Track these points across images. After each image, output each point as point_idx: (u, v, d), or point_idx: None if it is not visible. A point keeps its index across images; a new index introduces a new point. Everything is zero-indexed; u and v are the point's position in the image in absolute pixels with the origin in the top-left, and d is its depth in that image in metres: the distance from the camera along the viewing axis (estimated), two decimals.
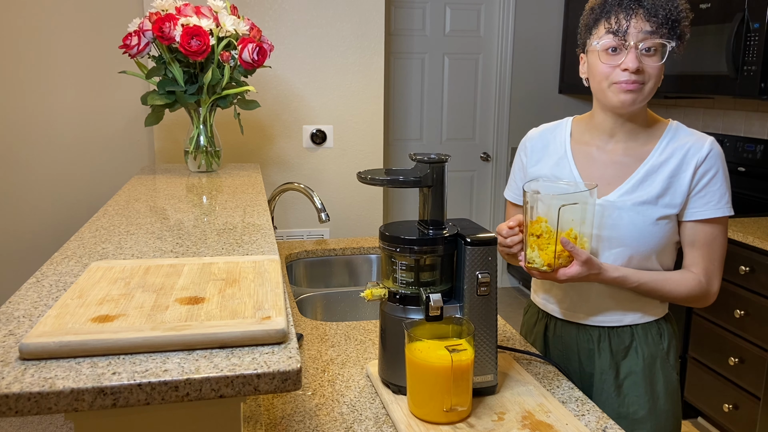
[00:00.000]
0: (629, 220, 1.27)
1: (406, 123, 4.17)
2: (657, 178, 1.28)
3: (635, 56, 1.20)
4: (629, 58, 1.20)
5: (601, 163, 1.34)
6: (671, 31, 1.21)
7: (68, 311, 0.75)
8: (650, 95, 1.26)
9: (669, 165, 1.28)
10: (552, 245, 1.19)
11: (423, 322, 1.12)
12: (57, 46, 2.54)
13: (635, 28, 1.20)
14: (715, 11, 2.75)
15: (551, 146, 1.40)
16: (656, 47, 1.21)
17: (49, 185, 2.63)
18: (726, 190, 1.29)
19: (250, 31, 1.88)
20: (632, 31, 1.20)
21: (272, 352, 0.70)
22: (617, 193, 1.30)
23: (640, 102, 1.25)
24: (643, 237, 1.27)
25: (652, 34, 1.20)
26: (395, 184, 1.12)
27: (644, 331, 1.35)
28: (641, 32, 1.20)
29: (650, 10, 1.20)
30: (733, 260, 2.47)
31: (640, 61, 1.21)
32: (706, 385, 2.65)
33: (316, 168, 2.80)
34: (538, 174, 1.40)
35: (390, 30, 4.02)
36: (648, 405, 1.33)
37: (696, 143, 1.28)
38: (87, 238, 1.15)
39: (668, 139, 1.31)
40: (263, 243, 1.13)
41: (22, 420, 1.14)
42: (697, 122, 3.42)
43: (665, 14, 1.20)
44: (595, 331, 1.36)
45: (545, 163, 1.40)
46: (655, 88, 1.26)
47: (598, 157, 1.34)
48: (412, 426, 1.05)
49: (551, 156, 1.39)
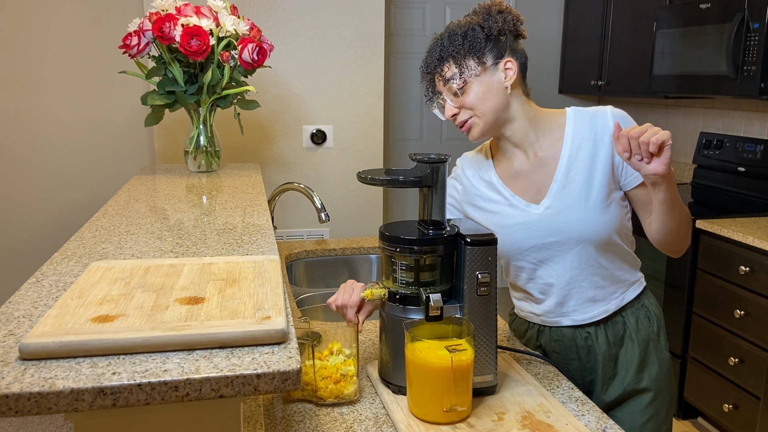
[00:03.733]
0: (576, 216, 1.28)
1: (406, 123, 4.17)
2: (580, 166, 1.28)
3: (443, 108, 1.31)
4: (444, 112, 1.32)
5: (526, 173, 1.34)
6: (460, 66, 1.26)
7: (68, 311, 0.75)
8: (492, 118, 1.28)
9: (585, 149, 1.29)
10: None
11: (423, 322, 1.12)
12: (57, 46, 2.54)
13: (433, 91, 1.33)
14: (715, 11, 2.75)
15: (481, 173, 1.40)
16: (452, 90, 1.27)
17: (49, 185, 2.63)
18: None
19: (250, 31, 1.88)
20: (431, 90, 1.33)
21: (272, 352, 0.70)
22: (551, 194, 1.30)
23: (486, 132, 1.30)
24: (595, 226, 1.27)
25: (445, 82, 1.28)
26: (395, 184, 1.12)
27: (634, 317, 1.37)
28: (443, 87, 1.29)
29: (435, 70, 1.29)
30: (733, 260, 2.47)
31: (448, 106, 1.29)
32: (706, 385, 2.65)
33: (316, 168, 2.80)
34: (470, 199, 1.40)
35: (390, 30, 4.02)
36: (648, 387, 1.36)
37: (598, 117, 1.29)
38: (87, 238, 1.15)
39: (572, 126, 1.31)
40: (263, 243, 1.13)
41: (22, 420, 1.14)
42: (697, 122, 3.42)
43: (432, 68, 1.30)
44: (591, 328, 1.36)
45: (479, 190, 1.39)
46: (492, 111, 1.27)
47: (521, 168, 1.34)
48: (412, 426, 1.05)
49: (482, 183, 1.39)
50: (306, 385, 1.15)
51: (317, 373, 1.15)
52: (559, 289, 1.34)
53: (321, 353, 1.19)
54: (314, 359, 1.16)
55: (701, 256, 2.64)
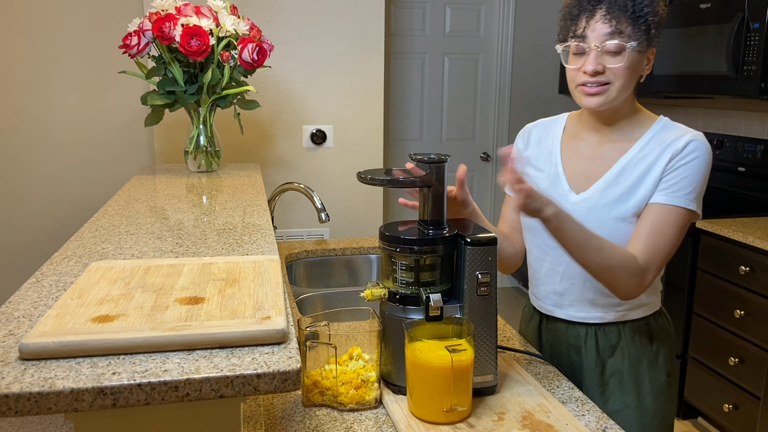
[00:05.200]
0: (602, 218, 1.26)
1: (406, 123, 4.17)
2: (633, 174, 1.26)
3: (594, 58, 1.20)
4: (588, 61, 1.21)
5: (586, 158, 1.33)
6: (636, 30, 1.19)
7: (68, 311, 0.75)
8: (621, 95, 1.24)
9: (647, 159, 1.26)
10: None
11: (423, 322, 1.12)
12: (57, 46, 2.54)
13: (593, 31, 1.20)
14: (715, 11, 2.75)
15: (544, 141, 1.41)
16: (617, 48, 1.19)
17: (49, 185, 2.63)
18: (694, 183, 1.23)
19: (250, 31, 1.88)
20: (590, 34, 1.20)
21: (272, 353, 0.70)
22: (594, 188, 1.29)
23: (609, 103, 1.24)
24: (614, 235, 1.24)
25: (611, 35, 1.19)
26: (395, 184, 1.12)
27: (632, 332, 1.34)
28: (600, 34, 1.19)
29: (609, 9, 1.19)
30: (733, 260, 2.47)
31: (600, 62, 1.20)
32: (706, 385, 2.64)
33: (316, 168, 2.79)
34: (530, 158, 1.41)
35: (390, 30, 4.02)
36: (633, 403, 1.33)
37: (678, 137, 1.25)
38: (87, 238, 1.15)
39: (652, 134, 1.28)
40: (263, 243, 1.13)
41: (22, 420, 1.14)
42: (697, 122, 3.42)
43: (624, 14, 1.18)
44: (582, 328, 1.36)
45: (536, 154, 1.41)
46: (626, 88, 1.23)
47: (584, 151, 1.34)
48: (412, 426, 1.05)
49: (542, 150, 1.40)
50: (327, 390, 1.14)
51: (337, 379, 1.14)
52: (562, 278, 1.34)
53: (340, 358, 1.18)
54: (336, 364, 1.15)
55: (701, 256, 2.64)
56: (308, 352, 1.15)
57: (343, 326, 1.23)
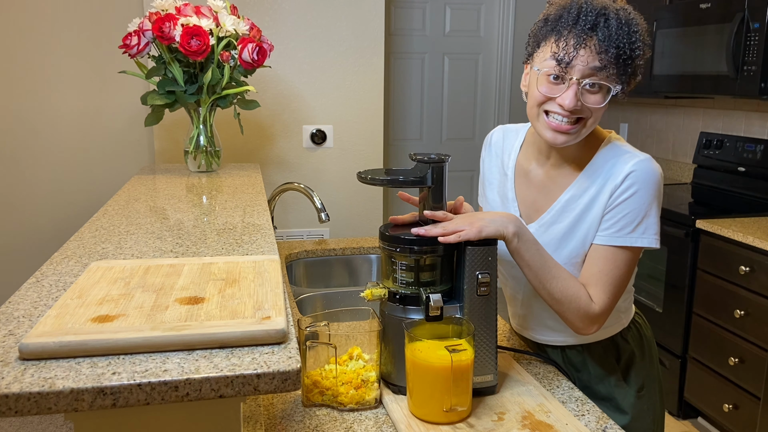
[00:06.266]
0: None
1: (406, 123, 4.17)
2: (575, 209, 1.18)
3: (575, 93, 1.08)
4: (567, 94, 1.08)
5: (535, 186, 1.26)
6: (621, 71, 1.08)
7: (68, 311, 0.75)
8: (589, 131, 1.15)
9: (588, 192, 1.17)
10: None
11: (423, 322, 1.12)
12: (57, 46, 2.54)
13: (581, 61, 1.07)
14: (715, 11, 2.75)
15: (504, 154, 1.33)
16: (601, 86, 1.09)
17: (49, 185, 2.63)
18: (638, 218, 1.13)
19: (250, 31, 1.88)
20: (577, 64, 1.07)
21: (272, 352, 0.70)
22: (539, 223, 1.24)
23: (573, 141, 1.14)
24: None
25: (599, 71, 1.07)
26: (395, 184, 1.12)
27: (598, 352, 1.31)
28: (587, 67, 1.07)
29: (603, 43, 1.06)
30: (733, 260, 2.47)
31: (580, 98, 1.09)
32: (706, 385, 2.65)
33: (316, 168, 2.80)
34: (488, 179, 1.36)
35: (390, 30, 4.02)
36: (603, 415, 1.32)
37: (620, 168, 1.13)
38: (87, 238, 1.15)
39: (598, 160, 1.18)
40: (263, 243, 1.13)
41: (22, 420, 1.14)
42: (697, 122, 3.42)
43: (617, 52, 1.06)
44: (548, 348, 1.36)
45: (495, 172, 1.35)
46: (594, 124, 1.14)
47: (533, 177, 1.27)
48: (412, 426, 1.05)
49: (500, 167, 1.33)
50: (327, 390, 1.14)
51: (337, 379, 1.14)
52: (522, 305, 1.35)
53: (340, 358, 1.18)
54: (336, 364, 1.15)
55: (701, 256, 2.64)
56: (308, 352, 1.15)
57: (343, 326, 1.23)
